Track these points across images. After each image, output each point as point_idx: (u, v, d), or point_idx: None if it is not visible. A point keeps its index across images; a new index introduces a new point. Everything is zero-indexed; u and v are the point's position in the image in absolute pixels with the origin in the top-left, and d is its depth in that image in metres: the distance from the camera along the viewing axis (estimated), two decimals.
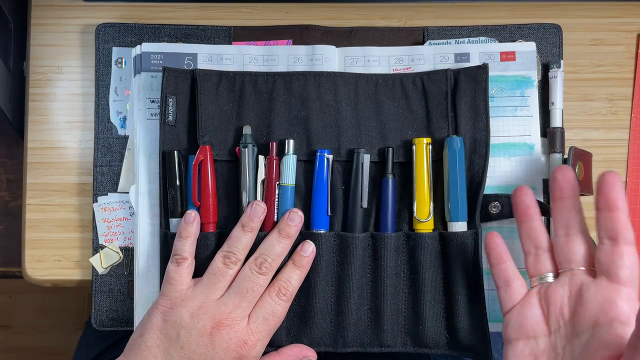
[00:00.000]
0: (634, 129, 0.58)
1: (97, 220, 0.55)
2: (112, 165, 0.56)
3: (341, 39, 0.57)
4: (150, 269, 0.53)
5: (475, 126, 0.53)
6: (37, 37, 0.58)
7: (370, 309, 0.51)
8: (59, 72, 0.57)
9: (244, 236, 0.49)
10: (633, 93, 0.58)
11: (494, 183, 0.54)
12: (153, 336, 0.47)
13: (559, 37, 0.57)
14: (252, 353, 0.47)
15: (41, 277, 0.56)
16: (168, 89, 0.53)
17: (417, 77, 0.54)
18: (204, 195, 0.51)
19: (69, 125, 0.57)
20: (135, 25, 0.57)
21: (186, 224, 0.50)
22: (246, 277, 0.48)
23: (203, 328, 0.47)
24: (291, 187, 0.52)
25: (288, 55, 0.55)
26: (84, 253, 0.56)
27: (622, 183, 0.42)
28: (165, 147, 0.52)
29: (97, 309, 0.55)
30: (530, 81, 0.55)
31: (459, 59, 0.55)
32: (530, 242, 0.47)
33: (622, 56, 0.58)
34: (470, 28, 0.57)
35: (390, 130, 0.53)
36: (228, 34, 0.57)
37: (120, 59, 0.57)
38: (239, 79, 0.53)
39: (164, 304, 0.48)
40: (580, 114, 0.58)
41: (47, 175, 0.57)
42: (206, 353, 0.46)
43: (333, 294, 0.52)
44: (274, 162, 0.52)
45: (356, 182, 0.52)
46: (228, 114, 0.53)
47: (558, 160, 0.54)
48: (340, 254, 0.52)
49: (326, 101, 0.53)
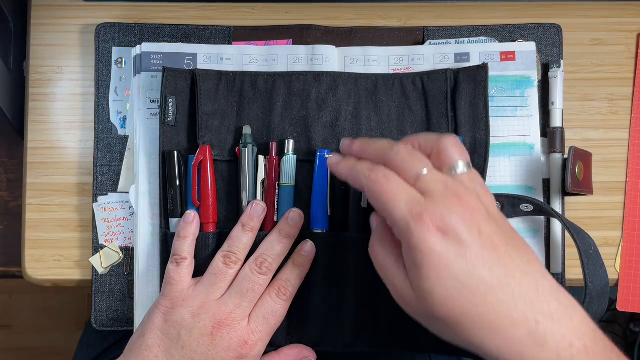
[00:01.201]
0: (634, 129, 0.58)
1: (97, 220, 0.55)
2: (112, 165, 0.56)
3: (341, 39, 0.57)
4: (150, 269, 0.53)
5: (475, 126, 0.53)
6: (37, 37, 0.58)
7: (370, 308, 0.51)
8: (59, 72, 0.57)
9: (244, 236, 0.49)
10: (633, 93, 0.58)
11: (493, 183, 0.54)
12: (154, 336, 0.47)
13: (559, 37, 0.57)
14: (253, 352, 0.47)
15: (41, 277, 0.56)
16: (168, 89, 0.53)
17: (417, 77, 0.54)
18: (203, 195, 0.51)
19: (69, 125, 0.57)
20: (135, 25, 0.57)
21: (185, 224, 0.50)
22: (246, 277, 0.48)
23: (204, 328, 0.47)
24: (291, 187, 0.52)
25: (288, 55, 0.55)
26: (84, 253, 0.56)
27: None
28: (165, 147, 0.52)
29: (97, 309, 0.55)
30: (530, 81, 0.55)
31: (459, 59, 0.55)
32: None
33: (622, 56, 0.58)
34: (470, 28, 0.57)
35: (390, 130, 0.53)
36: (228, 34, 0.57)
37: (120, 59, 0.57)
38: (239, 79, 0.53)
39: (165, 304, 0.48)
40: (580, 114, 0.58)
41: (47, 175, 0.57)
42: (207, 353, 0.46)
43: (333, 293, 0.52)
44: (273, 162, 0.52)
45: None
46: (228, 114, 0.53)
47: (558, 160, 0.54)
48: (340, 254, 0.51)
49: (326, 101, 0.53)
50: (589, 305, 0.50)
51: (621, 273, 0.57)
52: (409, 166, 0.41)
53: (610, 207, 0.57)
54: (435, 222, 0.38)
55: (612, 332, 1.38)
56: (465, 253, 0.38)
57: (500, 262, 0.38)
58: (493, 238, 0.39)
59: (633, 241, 0.57)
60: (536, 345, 0.38)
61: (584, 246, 0.50)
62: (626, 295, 0.57)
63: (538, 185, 0.55)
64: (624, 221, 0.57)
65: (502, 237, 0.39)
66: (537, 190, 0.55)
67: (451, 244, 0.38)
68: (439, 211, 0.38)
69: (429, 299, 0.38)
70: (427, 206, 0.38)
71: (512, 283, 0.38)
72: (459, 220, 0.38)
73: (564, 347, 0.38)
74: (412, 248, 0.38)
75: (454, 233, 0.38)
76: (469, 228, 0.38)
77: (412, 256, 0.39)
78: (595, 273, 0.50)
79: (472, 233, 0.38)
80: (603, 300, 0.51)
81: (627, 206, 0.57)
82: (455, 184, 0.40)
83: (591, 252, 0.50)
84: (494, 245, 0.39)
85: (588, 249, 0.50)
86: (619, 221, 0.57)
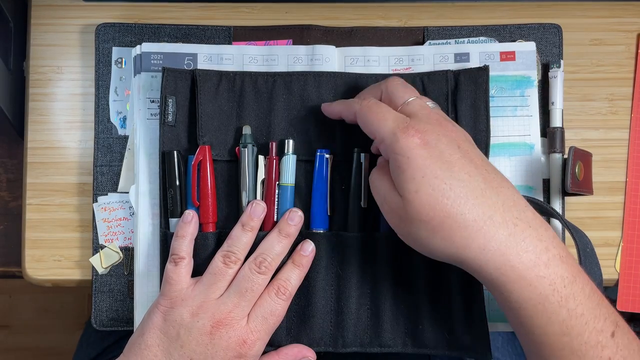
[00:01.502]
0: (634, 129, 0.58)
1: (97, 220, 0.55)
2: (112, 165, 0.56)
3: (341, 39, 0.57)
4: (150, 269, 0.53)
5: (476, 127, 0.53)
6: (37, 37, 0.58)
7: (370, 308, 0.51)
8: (59, 72, 0.57)
9: (244, 235, 0.49)
10: (633, 93, 0.58)
11: None
12: (153, 335, 0.47)
13: (559, 37, 0.57)
14: (252, 352, 0.47)
15: (41, 277, 0.56)
16: (168, 89, 0.53)
17: (417, 78, 0.54)
18: (203, 195, 0.51)
19: (69, 125, 0.57)
20: (135, 25, 0.57)
21: (183, 224, 0.50)
22: (245, 276, 0.48)
23: (203, 327, 0.47)
24: (291, 187, 0.52)
25: (288, 55, 0.55)
26: (84, 253, 0.56)
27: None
28: (165, 147, 0.53)
29: (97, 309, 0.55)
30: (530, 81, 0.55)
31: (459, 59, 0.55)
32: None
33: (622, 56, 0.58)
34: (470, 28, 0.57)
35: None
36: (228, 34, 0.57)
37: (120, 59, 0.57)
38: (239, 79, 0.53)
39: (164, 303, 0.48)
40: (580, 114, 0.58)
41: (47, 175, 0.57)
42: (206, 352, 0.46)
43: (333, 293, 0.52)
44: (273, 162, 0.52)
45: (355, 181, 0.52)
46: (228, 114, 0.53)
47: (558, 160, 0.54)
48: (340, 254, 0.52)
49: (326, 101, 0.53)
50: None
51: (621, 273, 0.57)
52: (396, 96, 0.47)
53: (610, 207, 0.57)
54: (419, 134, 0.43)
55: None
56: (446, 160, 0.42)
57: (478, 173, 0.43)
58: (470, 154, 0.44)
59: (633, 241, 0.57)
60: (517, 245, 0.41)
61: (582, 244, 0.50)
62: (626, 295, 0.57)
63: (538, 185, 0.55)
64: (624, 221, 0.57)
65: (478, 156, 0.44)
66: (537, 190, 0.55)
67: (433, 152, 0.42)
68: (422, 127, 0.43)
69: (415, 199, 0.42)
70: (412, 122, 0.44)
71: (489, 191, 0.42)
72: (440, 136, 0.43)
73: (542, 250, 0.41)
74: (398, 155, 0.43)
75: (435, 146, 0.42)
76: (448, 143, 0.43)
77: (398, 163, 0.43)
78: (591, 271, 0.50)
79: (451, 147, 0.43)
80: None
81: (627, 206, 0.57)
82: (437, 111, 0.46)
83: (588, 250, 0.51)
84: (471, 159, 0.43)
85: (585, 247, 0.51)
86: (619, 221, 0.57)
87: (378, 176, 0.47)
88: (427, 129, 0.43)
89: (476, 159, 0.43)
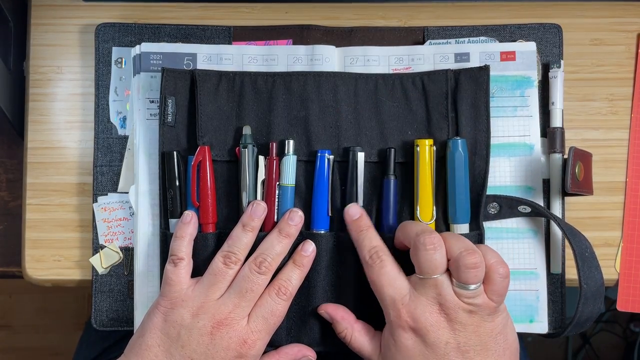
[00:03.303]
0: (634, 129, 0.58)
1: (97, 220, 0.55)
2: (112, 165, 0.56)
3: (341, 38, 0.57)
4: (150, 269, 0.53)
5: (476, 127, 0.53)
6: (37, 37, 0.58)
7: (370, 308, 0.51)
8: (59, 72, 0.57)
9: (244, 236, 0.49)
10: (633, 93, 0.58)
11: (493, 183, 0.54)
12: (154, 336, 0.47)
13: (559, 37, 0.57)
14: (252, 352, 0.47)
15: (41, 277, 0.56)
16: (167, 90, 0.53)
17: (417, 77, 0.54)
18: (202, 195, 0.51)
19: (69, 125, 0.57)
20: (135, 25, 0.57)
21: (182, 224, 0.50)
22: (246, 276, 0.48)
23: (203, 327, 0.47)
24: (291, 188, 0.52)
25: (288, 55, 0.55)
26: (84, 253, 0.56)
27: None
28: (164, 147, 0.52)
29: (97, 309, 0.55)
30: (530, 81, 0.55)
31: (459, 59, 0.55)
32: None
33: (622, 56, 0.58)
34: (470, 28, 0.57)
35: (390, 130, 0.53)
36: (228, 34, 0.57)
37: (120, 59, 0.57)
38: (239, 79, 0.53)
39: (164, 304, 0.48)
40: (580, 114, 0.58)
41: (47, 175, 0.57)
42: (206, 352, 0.46)
43: (333, 293, 0.52)
44: (274, 163, 0.52)
45: (351, 180, 0.52)
46: (228, 114, 0.53)
47: (558, 160, 0.54)
48: (340, 254, 0.52)
49: (326, 101, 0.53)
50: (583, 305, 0.50)
51: (621, 273, 0.57)
52: (428, 266, 0.46)
53: (610, 207, 0.57)
54: (410, 322, 0.45)
55: (612, 332, 1.39)
56: (431, 353, 0.45)
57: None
58: (461, 346, 0.44)
59: (633, 241, 0.57)
60: None
61: (579, 248, 0.50)
62: (626, 295, 0.57)
63: (538, 185, 0.55)
64: (624, 221, 0.57)
65: (472, 346, 0.45)
66: (537, 190, 0.55)
67: (420, 342, 0.45)
68: (419, 311, 0.45)
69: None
70: (409, 305, 0.46)
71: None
72: (433, 325, 0.45)
73: None
74: (391, 335, 0.46)
75: (424, 334, 0.45)
76: (439, 335, 0.45)
77: (388, 342, 0.47)
78: (590, 275, 0.50)
79: (439, 340, 0.45)
80: (598, 301, 0.52)
81: (627, 206, 0.57)
82: (455, 300, 0.45)
83: (586, 254, 0.50)
84: (463, 351, 0.44)
85: (583, 251, 0.50)
86: (619, 221, 0.57)
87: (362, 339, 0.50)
88: (419, 316, 0.45)
89: (469, 348, 0.45)
